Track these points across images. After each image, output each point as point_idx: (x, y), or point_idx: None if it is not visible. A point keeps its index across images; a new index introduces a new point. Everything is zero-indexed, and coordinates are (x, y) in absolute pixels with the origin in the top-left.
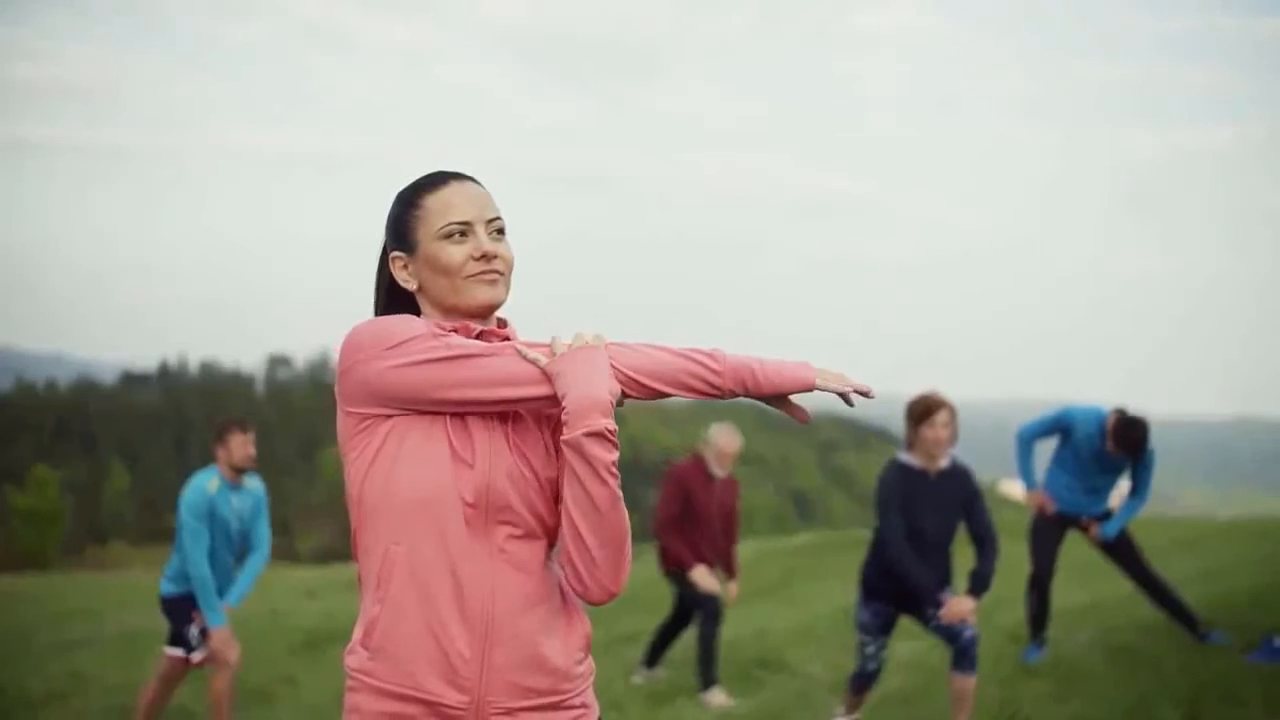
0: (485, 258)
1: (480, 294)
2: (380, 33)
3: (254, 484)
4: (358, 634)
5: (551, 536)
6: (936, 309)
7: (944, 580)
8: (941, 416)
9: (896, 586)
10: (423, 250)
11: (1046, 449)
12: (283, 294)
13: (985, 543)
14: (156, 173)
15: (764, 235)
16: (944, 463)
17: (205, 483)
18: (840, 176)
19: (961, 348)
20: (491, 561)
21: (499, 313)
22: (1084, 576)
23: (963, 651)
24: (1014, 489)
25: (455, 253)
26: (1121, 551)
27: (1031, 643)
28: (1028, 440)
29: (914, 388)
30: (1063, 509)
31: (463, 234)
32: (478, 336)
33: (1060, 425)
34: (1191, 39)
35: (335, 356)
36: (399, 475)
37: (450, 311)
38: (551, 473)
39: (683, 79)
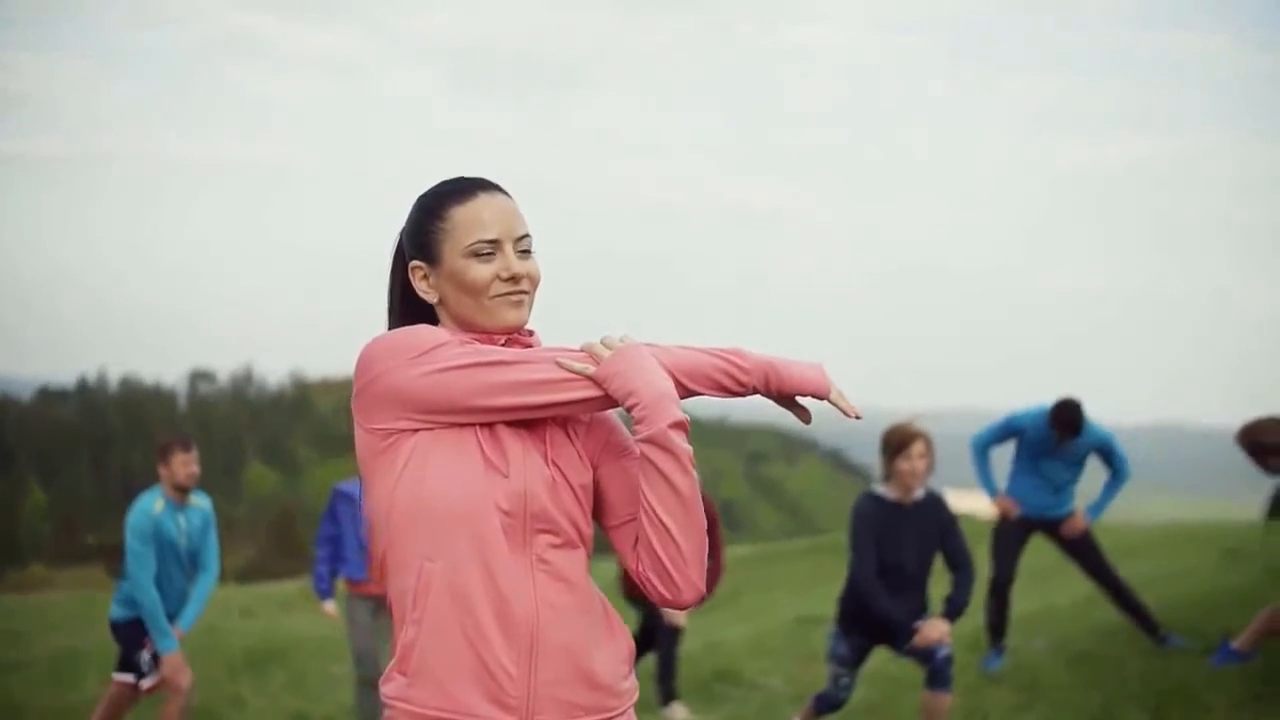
0: (513, 279)
1: (506, 315)
2: (306, 43)
3: (201, 502)
4: (393, 660)
5: (588, 546)
6: (868, 322)
7: (920, 612)
8: (917, 448)
9: (874, 620)
10: (447, 265)
11: (1002, 457)
12: (205, 307)
13: (961, 569)
14: (77, 182)
15: (691, 248)
16: (919, 493)
17: (150, 504)
18: (769, 190)
19: (893, 359)
20: (532, 573)
21: None
22: (1036, 582)
23: (937, 671)
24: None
25: (483, 272)
26: (1085, 553)
27: (991, 650)
28: (982, 449)
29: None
30: (1028, 512)
31: (491, 252)
32: (504, 345)
33: (1011, 429)
34: (1113, 54)
35: (259, 370)
36: (430, 489)
37: (471, 329)
38: (584, 480)
39: (610, 91)
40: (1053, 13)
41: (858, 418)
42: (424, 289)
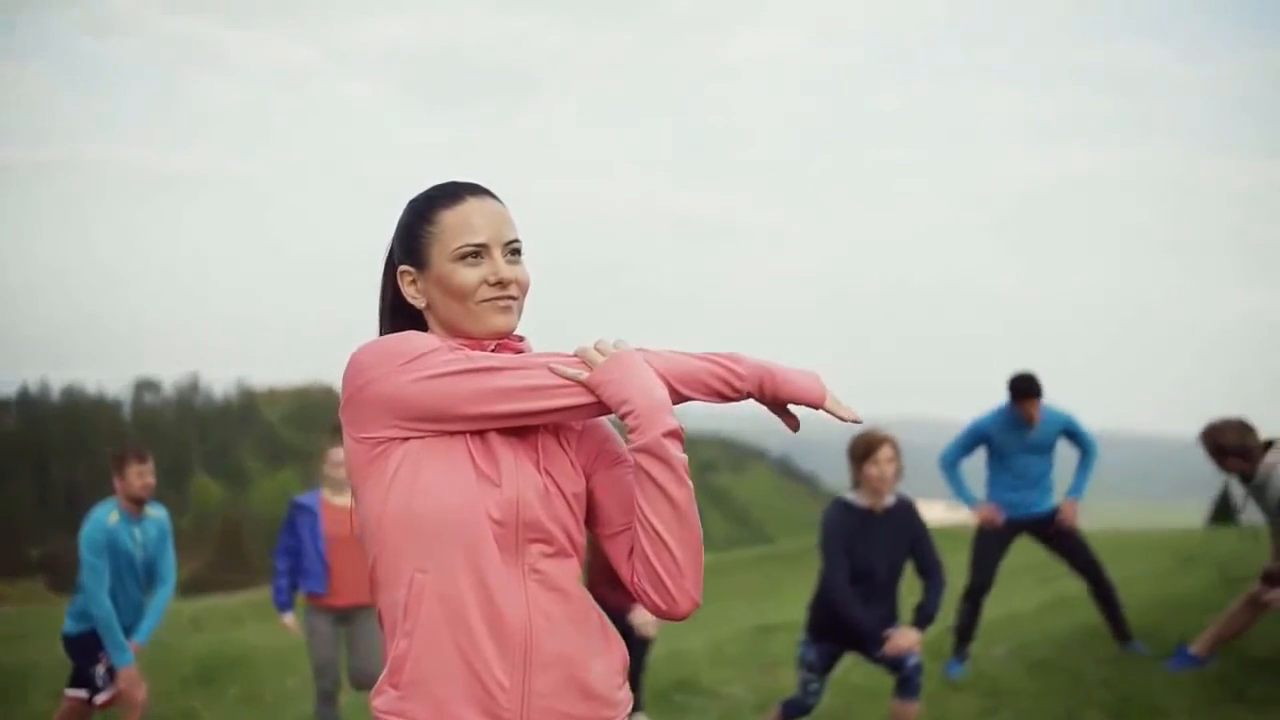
0: (500, 284)
1: (494, 321)
2: (257, 52)
3: (157, 513)
4: (384, 673)
5: (580, 555)
6: (816, 331)
7: (890, 618)
8: (884, 453)
9: (844, 627)
10: (435, 269)
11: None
12: (151, 316)
13: (932, 576)
14: (19, 190)
15: (641, 259)
16: (889, 500)
17: (104, 516)
18: (719, 201)
19: (844, 368)
20: (525, 583)
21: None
22: (995, 589)
23: (907, 679)
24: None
25: (470, 276)
26: (1075, 548)
27: (954, 656)
28: (952, 463)
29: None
30: (1012, 514)
31: (478, 256)
32: (493, 351)
33: (976, 436)
34: (1062, 67)
35: (205, 380)
36: (421, 498)
37: (458, 334)
38: (577, 488)
39: (561, 102)
40: (1003, 26)
41: (856, 421)
42: (412, 294)
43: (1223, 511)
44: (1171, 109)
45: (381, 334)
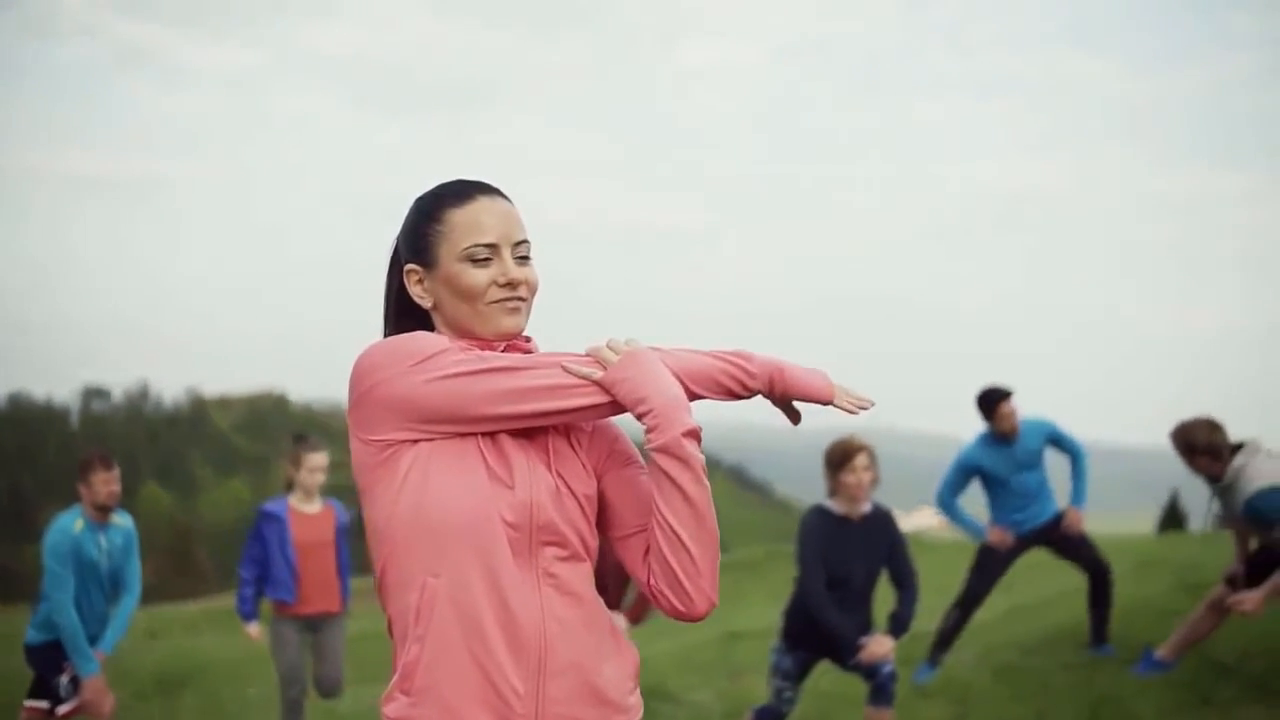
0: (510, 284)
1: (502, 322)
2: (206, 59)
3: (123, 521)
4: (395, 680)
5: (593, 558)
6: (763, 340)
7: (865, 626)
8: (861, 460)
9: (820, 635)
10: (443, 269)
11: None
12: (100, 324)
13: (906, 585)
14: None
15: (593, 267)
16: (866, 507)
17: (69, 524)
18: (670, 210)
19: None
20: (539, 587)
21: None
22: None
23: (881, 687)
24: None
25: (479, 277)
26: (1081, 548)
27: (926, 662)
28: (949, 502)
29: (748, 418)
30: (1022, 531)
31: (487, 257)
32: (503, 352)
33: (965, 470)
34: (1007, 77)
35: (155, 387)
36: (432, 501)
37: (466, 335)
38: (589, 490)
39: (511, 111)
40: (948, 36)
41: (870, 405)
42: (419, 293)
43: (1172, 519)
44: (1116, 122)
45: (387, 335)
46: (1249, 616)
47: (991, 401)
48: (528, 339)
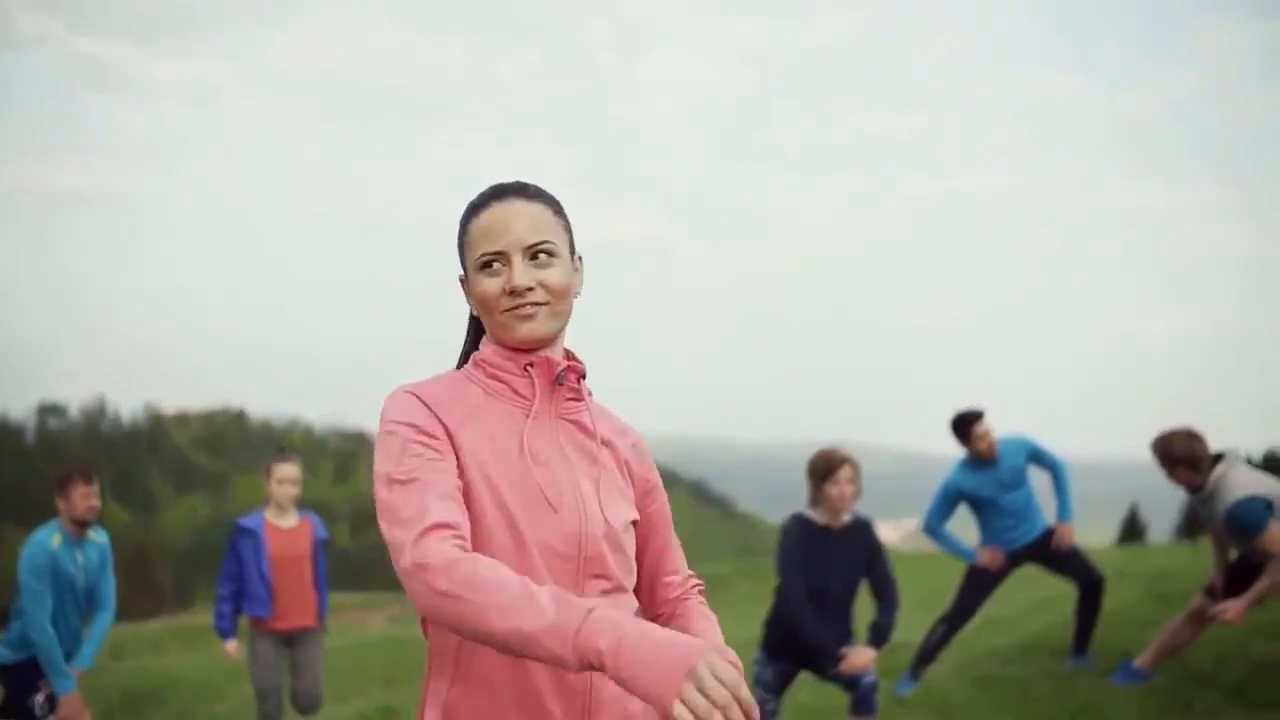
0: (514, 292)
1: (518, 330)
2: (161, 72)
3: (99, 537)
4: (433, 714)
5: (632, 590)
6: (720, 355)
7: (845, 637)
8: (844, 473)
9: (801, 645)
10: (469, 279)
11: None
12: (55, 339)
13: (886, 596)
14: None
15: None
16: (846, 517)
17: (47, 539)
18: (628, 222)
19: (761, 391)
20: None
21: (564, 345)
22: (936, 608)
23: (862, 698)
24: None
25: (490, 286)
26: (1072, 560)
27: (908, 673)
28: (937, 528)
29: (699, 432)
30: (1012, 549)
31: (495, 264)
32: (531, 366)
33: (950, 497)
34: (960, 94)
35: (111, 403)
36: (475, 531)
37: (500, 344)
38: (633, 517)
39: (470, 122)
40: (908, 52)
41: None
42: (468, 302)
43: (1131, 531)
44: (1076, 136)
45: (465, 340)
46: (1230, 625)
47: (965, 425)
48: (570, 355)
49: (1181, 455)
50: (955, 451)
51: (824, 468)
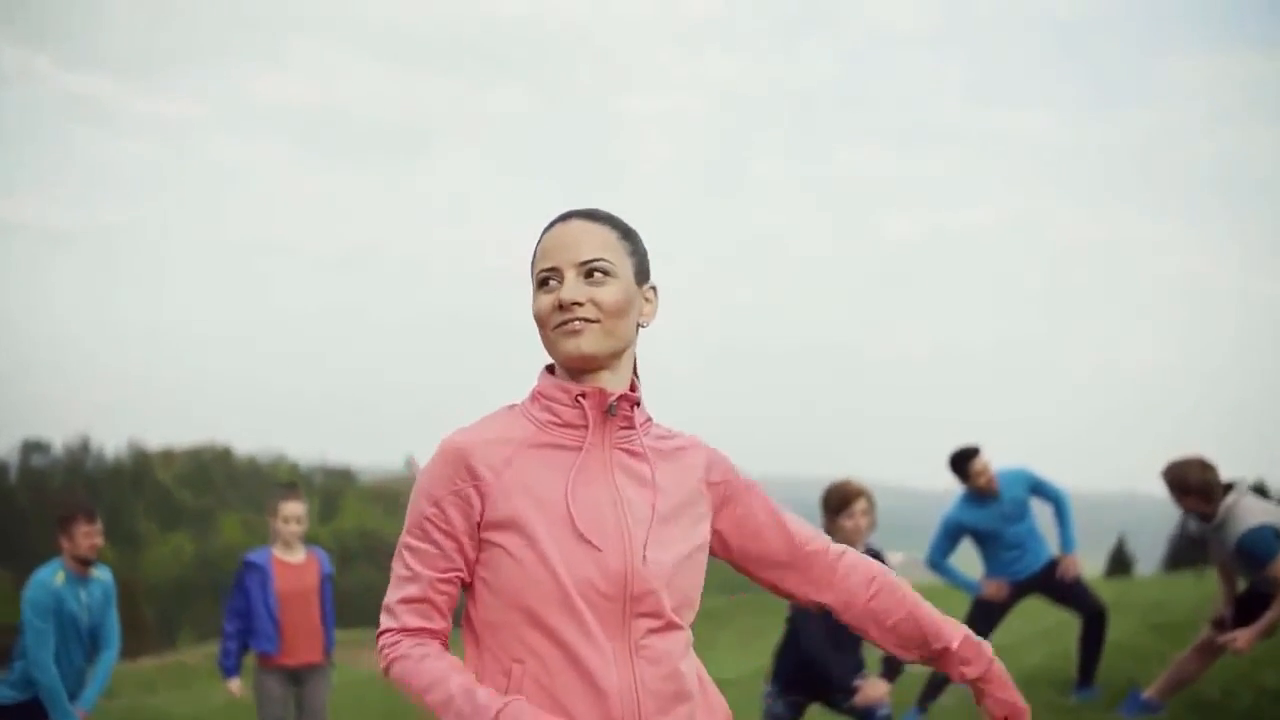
0: (562, 306)
1: (563, 346)
2: (146, 108)
3: (102, 575)
4: None
5: (694, 615)
6: (702, 389)
7: (858, 668)
8: (860, 505)
9: (814, 678)
10: (532, 296)
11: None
12: (38, 375)
13: None
14: None
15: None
16: (859, 550)
17: (49, 577)
18: None
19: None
20: (632, 662)
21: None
22: None
23: None
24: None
25: (542, 302)
26: (1077, 592)
27: (913, 708)
28: (940, 562)
29: None
30: (1017, 580)
31: (549, 280)
32: (580, 398)
33: (953, 531)
34: (944, 130)
35: (96, 441)
36: (512, 576)
37: (559, 367)
38: (700, 540)
39: (454, 157)
40: (890, 89)
41: None
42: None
43: (1119, 563)
44: (1053, 170)
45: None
46: (1239, 654)
47: (963, 461)
48: (633, 386)
49: (1195, 485)
50: (938, 485)
51: (839, 500)
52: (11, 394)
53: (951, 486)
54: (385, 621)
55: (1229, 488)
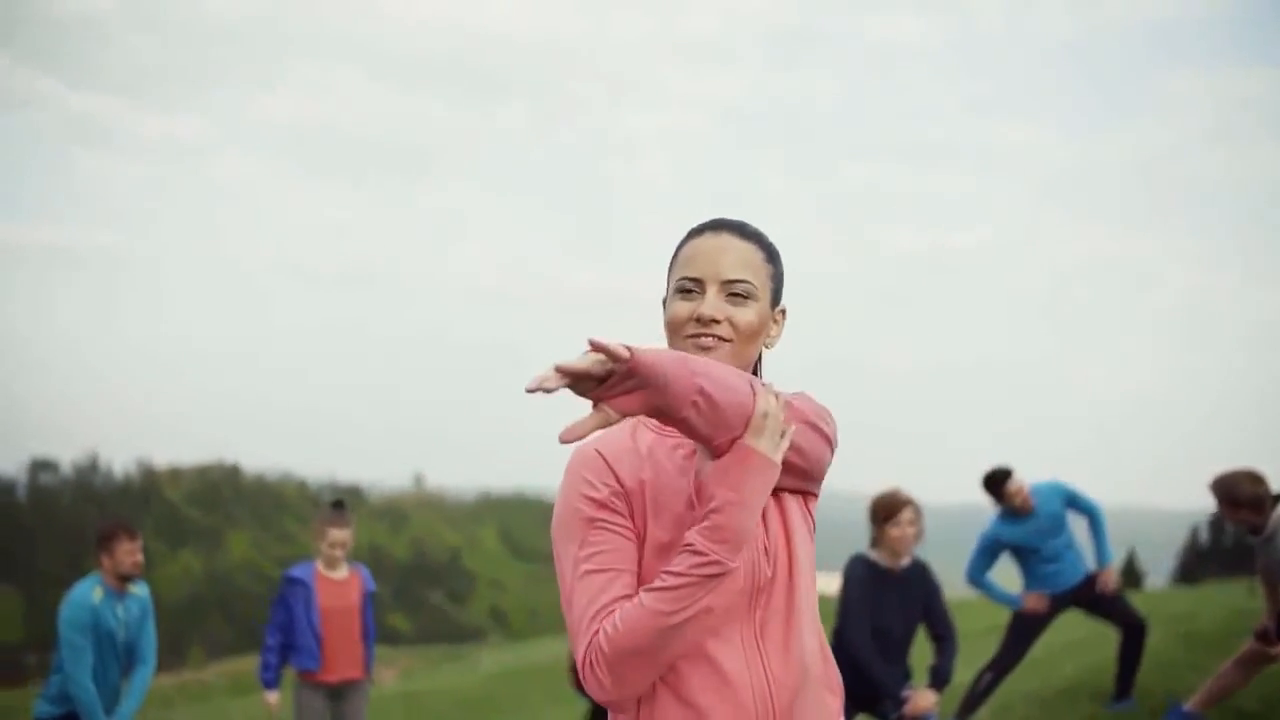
0: (701, 320)
1: None
2: (149, 129)
3: (140, 591)
4: None
5: (811, 603)
6: None
7: (905, 677)
8: (907, 515)
9: (860, 688)
10: (667, 300)
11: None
12: (46, 394)
13: (945, 638)
14: None
15: (531, 333)
16: (905, 560)
17: (87, 593)
18: (607, 274)
19: None
20: (761, 654)
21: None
22: (969, 654)
23: None
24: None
25: (680, 309)
26: (1115, 604)
27: (953, 718)
28: (980, 578)
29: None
30: (1056, 592)
31: (692, 290)
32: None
33: (992, 548)
34: (946, 145)
35: (104, 459)
36: (644, 580)
37: None
38: (811, 523)
39: (452, 177)
40: (892, 105)
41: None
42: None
43: (1129, 577)
44: (1055, 185)
45: None
46: None
47: (997, 484)
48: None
49: (1246, 498)
50: (942, 500)
51: (886, 510)
52: (19, 413)
53: (957, 501)
54: (577, 639)
55: (1278, 499)
